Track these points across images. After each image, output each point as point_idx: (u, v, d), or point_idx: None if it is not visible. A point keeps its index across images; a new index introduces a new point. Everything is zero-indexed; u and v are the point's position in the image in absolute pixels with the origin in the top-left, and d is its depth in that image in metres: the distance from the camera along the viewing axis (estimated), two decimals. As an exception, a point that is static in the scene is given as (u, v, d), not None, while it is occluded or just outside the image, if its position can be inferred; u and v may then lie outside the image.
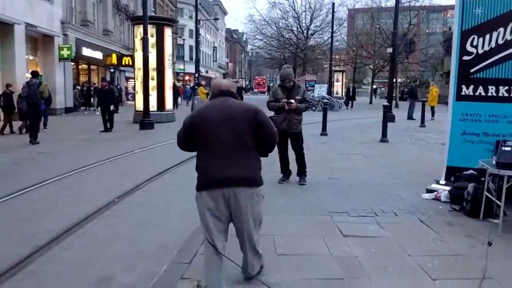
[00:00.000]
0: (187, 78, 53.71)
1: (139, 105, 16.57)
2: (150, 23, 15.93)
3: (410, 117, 19.20)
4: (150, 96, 15.71)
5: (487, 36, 5.45)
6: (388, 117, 12.23)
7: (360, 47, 36.95)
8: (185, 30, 57.66)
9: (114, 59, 26.54)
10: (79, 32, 22.57)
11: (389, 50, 20.08)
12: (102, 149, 10.20)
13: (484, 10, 5.46)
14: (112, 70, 28.65)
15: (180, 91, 32.03)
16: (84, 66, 26.39)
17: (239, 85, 34.31)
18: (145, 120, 14.83)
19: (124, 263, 3.71)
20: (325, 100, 17.29)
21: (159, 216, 5.08)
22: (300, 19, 41.12)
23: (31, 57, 19.32)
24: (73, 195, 6.05)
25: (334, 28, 34.83)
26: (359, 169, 7.70)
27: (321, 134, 12.69)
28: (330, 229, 4.42)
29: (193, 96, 26.60)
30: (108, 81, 16.36)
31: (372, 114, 20.42)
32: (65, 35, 21.05)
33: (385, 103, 12.78)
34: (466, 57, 5.60)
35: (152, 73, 16.66)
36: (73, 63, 22.96)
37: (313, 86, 31.71)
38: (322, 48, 42.84)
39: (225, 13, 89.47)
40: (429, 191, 5.74)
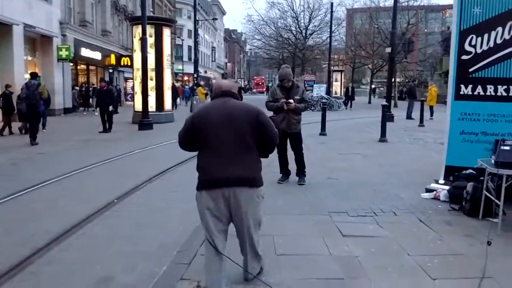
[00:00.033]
0: (186, 78, 53.72)
1: (138, 106, 16.58)
2: (148, 23, 15.92)
3: (409, 116, 19.25)
4: (149, 97, 15.69)
5: (486, 36, 5.47)
6: (387, 116, 12.26)
7: (359, 46, 36.96)
8: (183, 30, 57.66)
9: (112, 60, 26.52)
10: (77, 32, 22.55)
11: (388, 49, 20.10)
12: (101, 150, 10.20)
13: (483, 9, 5.47)
14: (110, 70, 28.63)
15: (179, 92, 32.00)
16: (83, 66, 26.38)
17: (238, 85, 34.37)
18: (144, 121, 14.82)
19: (124, 264, 3.71)
20: (324, 100, 17.30)
21: (158, 217, 5.08)
22: (298, 19, 41.15)
23: (29, 58, 19.28)
24: (73, 195, 6.05)
25: (333, 28, 34.90)
26: (358, 169, 7.71)
27: (320, 134, 12.70)
28: (329, 229, 4.42)
29: (192, 96, 26.58)
30: (107, 81, 16.32)
31: (371, 113, 20.43)
32: (64, 35, 21.02)
33: (384, 103, 12.79)
34: (464, 57, 5.61)
35: (151, 74, 16.66)
36: (71, 64, 22.94)
37: (312, 86, 31.76)
38: (321, 48, 42.86)
39: (223, 13, 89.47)
40: (428, 190, 5.75)
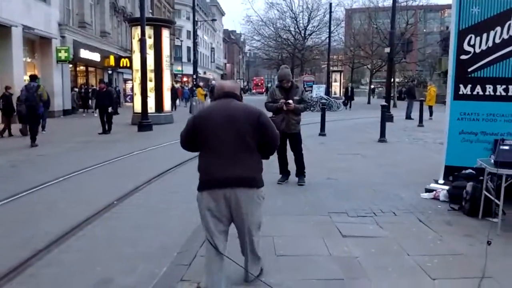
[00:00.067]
0: (185, 79, 53.71)
1: (137, 107, 16.55)
2: (147, 25, 15.91)
3: (408, 116, 19.26)
4: (148, 98, 15.68)
5: (484, 35, 5.48)
6: (386, 117, 12.27)
7: (358, 47, 36.91)
8: (182, 31, 57.69)
9: (112, 61, 26.50)
10: (76, 34, 22.55)
11: (387, 50, 20.10)
12: (100, 151, 10.19)
13: (481, 9, 5.48)
14: (110, 72, 28.62)
15: (178, 93, 31.99)
16: (82, 68, 26.37)
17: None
18: (143, 122, 14.81)
19: (124, 265, 3.71)
20: (323, 101, 17.31)
21: (158, 218, 5.07)
22: (297, 20, 41.13)
23: (28, 60, 19.27)
24: (72, 197, 6.05)
25: (332, 28, 34.93)
26: (358, 169, 7.71)
27: (320, 135, 12.70)
28: (329, 229, 4.43)
29: (191, 97, 26.56)
30: (106, 83, 16.31)
31: (370, 114, 20.42)
32: (63, 37, 21.02)
33: (383, 103, 12.79)
34: (463, 56, 5.62)
35: (150, 75, 16.64)
36: (70, 65, 22.93)
37: (311, 87, 31.72)
38: (320, 48, 42.84)
39: (222, 14, 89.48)
40: (428, 190, 5.75)
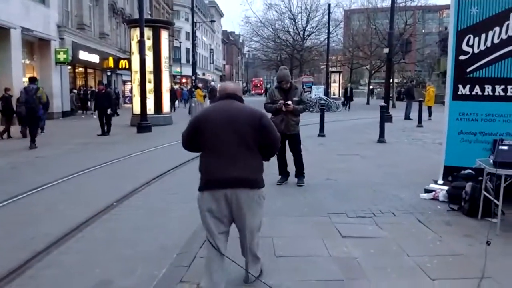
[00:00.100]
0: (184, 80, 53.72)
1: (136, 108, 16.53)
2: (146, 26, 15.92)
3: (407, 117, 19.28)
4: (147, 99, 15.69)
5: (483, 36, 5.49)
6: (385, 117, 12.29)
7: (357, 47, 36.97)
8: (181, 32, 57.72)
9: (110, 63, 26.51)
10: (75, 35, 22.56)
11: (386, 50, 20.15)
12: (100, 153, 10.18)
13: (480, 9, 5.49)
14: (109, 73, 28.59)
15: (177, 94, 31.98)
16: (81, 69, 26.35)
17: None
18: (142, 123, 14.80)
19: (123, 267, 3.71)
20: (322, 101, 17.34)
21: (158, 219, 5.06)
22: (296, 21, 41.25)
23: (27, 61, 19.27)
24: (72, 199, 6.05)
25: (330, 29, 34.88)
26: (357, 170, 7.71)
27: (319, 135, 12.71)
28: (328, 230, 4.43)
29: (190, 98, 26.56)
30: (105, 84, 16.32)
31: (369, 114, 20.43)
32: (62, 38, 21.03)
33: (382, 104, 12.80)
34: (462, 57, 5.63)
35: (149, 76, 16.67)
36: (69, 67, 22.94)
37: (310, 87, 31.75)
38: (319, 49, 42.86)
39: (221, 15, 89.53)
40: (427, 191, 5.75)
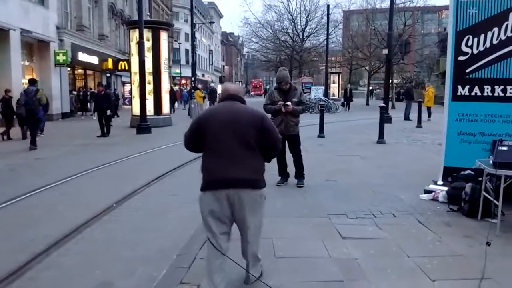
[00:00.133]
0: (183, 82, 53.73)
1: (136, 110, 16.53)
2: (145, 27, 15.91)
3: (406, 118, 19.30)
4: (146, 101, 15.69)
5: (482, 36, 5.49)
6: (384, 118, 12.29)
7: (356, 48, 36.97)
8: (181, 33, 57.76)
9: (110, 64, 26.52)
10: (74, 37, 22.57)
11: (385, 51, 20.16)
12: (99, 154, 10.18)
13: (479, 10, 5.49)
14: (108, 74, 28.61)
15: (177, 95, 31.97)
16: (80, 71, 26.36)
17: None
18: (142, 125, 14.79)
19: (123, 268, 3.70)
20: (322, 102, 17.33)
21: (157, 221, 5.05)
22: (295, 22, 41.31)
23: (27, 63, 19.27)
24: (71, 200, 6.04)
25: (330, 30, 34.93)
26: (357, 171, 7.71)
27: (318, 136, 12.71)
28: (328, 231, 4.43)
29: (190, 100, 26.55)
30: (105, 85, 16.31)
31: (369, 115, 20.44)
32: (61, 40, 21.04)
33: (382, 104, 12.81)
34: (461, 58, 5.63)
35: (149, 77, 16.66)
36: (69, 68, 22.94)
37: (310, 88, 31.79)
38: (318, 50, 42.89)
39: (220, 16, 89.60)
40: (427, 191, 5.75)
